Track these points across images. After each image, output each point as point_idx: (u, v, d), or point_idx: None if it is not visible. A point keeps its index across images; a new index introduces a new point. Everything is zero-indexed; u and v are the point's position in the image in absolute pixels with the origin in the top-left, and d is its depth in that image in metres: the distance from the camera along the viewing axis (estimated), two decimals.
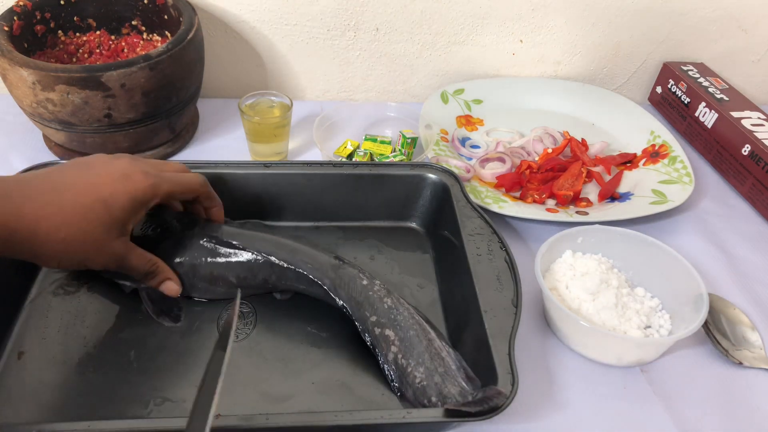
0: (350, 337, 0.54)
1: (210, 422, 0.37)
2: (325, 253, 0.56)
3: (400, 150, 0.76)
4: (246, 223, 0.65)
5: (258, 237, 0.56)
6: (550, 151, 0.79)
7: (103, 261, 0.48)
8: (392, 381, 0.50)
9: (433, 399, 0.47)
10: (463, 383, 0.48)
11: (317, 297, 0.56)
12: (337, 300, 0.53)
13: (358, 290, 0.53)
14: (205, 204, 0.57)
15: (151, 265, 0.52)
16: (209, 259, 0.55)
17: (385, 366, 0.51)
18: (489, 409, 0.43)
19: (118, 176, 0.48)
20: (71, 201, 0.45)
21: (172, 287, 0.54)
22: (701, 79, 0.87)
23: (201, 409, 0.38)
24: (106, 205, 0.46)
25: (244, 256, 0.55)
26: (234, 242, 0.55)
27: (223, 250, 0.55)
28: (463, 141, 0.81)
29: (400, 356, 0.50)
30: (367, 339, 0.52)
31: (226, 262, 0.55)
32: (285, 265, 0.54)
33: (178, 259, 0.55)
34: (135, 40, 0.79)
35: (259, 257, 0.55)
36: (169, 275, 0.54)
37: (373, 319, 0.52)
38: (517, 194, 0.73)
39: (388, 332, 0.51)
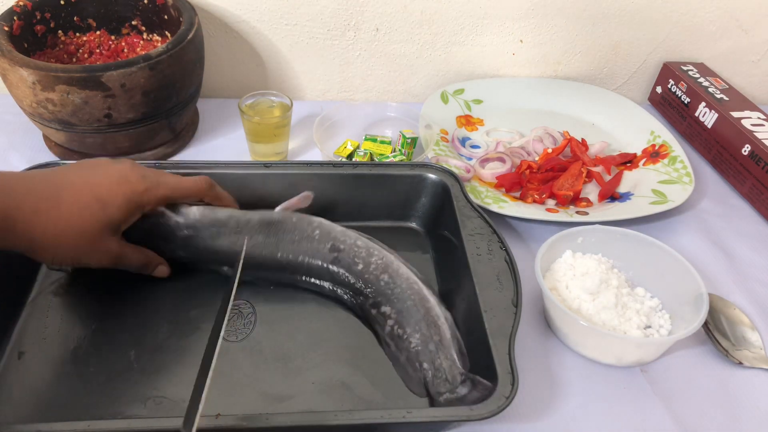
0: (350, 336, 0.54)
1: (197, 419, 0.38)
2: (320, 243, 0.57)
3: (400, 150, 0.76)
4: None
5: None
6: (550, 151, 0.79)
7: (97, 258, 0.50)
8: (388, 349, 0.53)
9: (425, 365, 0.50)
10: (455, 356, 0.50)
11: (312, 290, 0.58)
12: (337, 291, 0.56)
13: (356, 274, 0.55)
14: (215, 204, 0.58)
15: (144, 257, 0.55)
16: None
17: (384, 338, 0.53)
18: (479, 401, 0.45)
19: (116, 178, 0.50)
20: (69, 198, 0.47)
21: (164, 270, 0.57)
22: (701, 79, 0.87)
23: (192, 406, 0.39)
24: (103, 204, 0.48)
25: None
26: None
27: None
28: (463, 141, 0.81)
29: (396, 327, 0.52)
30: (368, 321, 0.54)
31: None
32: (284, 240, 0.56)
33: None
34: (135, 40, 0.79)
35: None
36: (160, 261, 0.56)
37: (370, 302, 0.54)
38: (517, 194, 0.73)
39: (385, 308, 0.53)
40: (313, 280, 0.57)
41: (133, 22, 0.79)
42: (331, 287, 0.57)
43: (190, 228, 0.56)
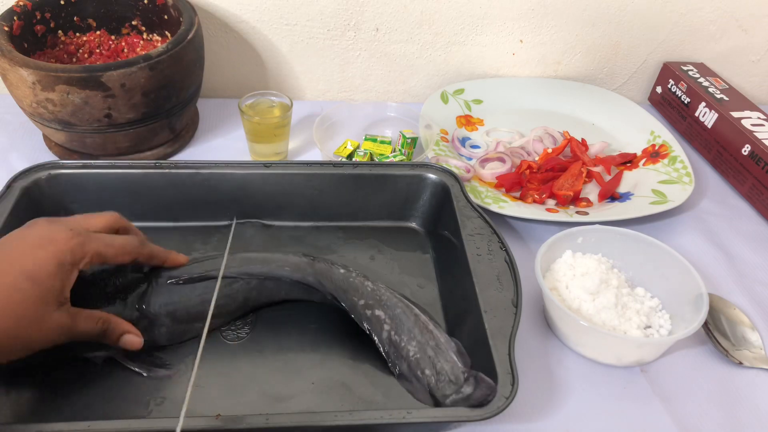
0: (350, 336, 0.54)
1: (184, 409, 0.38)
2: (292, 253, 0.55)
3: (400, 150, 0.76)
4: (246, 223, 0.65)
5: (221, 260, 0.53)
6: (550, 151, 0.79)
7: (49, 338, 0.43)
8: (388, 358, 0.51)
9: (427, 372, 0.49)
10: (455, 358, 0.50)
11: (300, 299, 0.55)
12: (325, 293, 0.53)
13: (340, 279, 0.54)
14: (153, 264, 0.51)
15: (102, 323, 0.46)
16: (182, 299, 0.51)
17: (381, 346, 0.51)
18: (481, 405, 0.44)
19: (37, 242, 0.43)
20: None
21: (132, 340, 0.48)
22: (701, 79, 0.87)
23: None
24: (32, 279, 0.41)
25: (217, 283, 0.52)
26: (201, 273, 0.52)
27: (194, 284, 0.52)
28: (463, 141, 0.81)
29: (392, 333, 0.51)
30: (365, 325, 0.52)
31: (200, 296, 0.52)
32: (263, 278, 0.53)
33: (147, 308, 0.50)
34: (135, 40, 0.79)
35: (233, 279, 0.52)
36: (126, 328, 0.48)
37: (362, 302, 0.53)
38: (517, 194, 0.73)
39: (378, 312, 0.52)
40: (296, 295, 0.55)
41: (133, 22, 0.79)
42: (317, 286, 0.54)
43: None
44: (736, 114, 0.80)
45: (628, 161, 0.79)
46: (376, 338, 0.52)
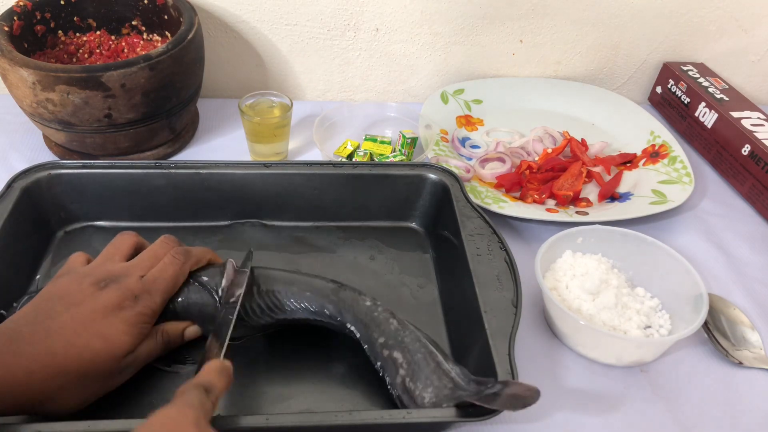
0: (350, 337, 0.54)
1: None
2: (321, 278, 0.53)
3: (400, 150, 0.76)
4: (245, 223, 0.65)
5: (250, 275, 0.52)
6: (550, 151, 0.79)
7: (120, 381, 0.47)
8: (400, 403, 0.48)
9: None
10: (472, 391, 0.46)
11: (320, 326, 0.53)
12: (345, 324, 0.50)
13: (363, 311, 0.50)
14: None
15: (162, 334, 0.49)
16: (209, 300, 0.51)
17: (392, 390, 0.48)
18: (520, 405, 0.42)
19: (111, 309, 0.45)
20: (64, 345, 0.43)
21: (194, 331, 0.51)
22: (701, 79, 0.87)
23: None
24: (104, 338, 0.44)
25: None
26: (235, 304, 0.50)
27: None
28: (463, 141, 0.81)
29: (407, 380, 0.47)
30: (377, 364, 0.49)
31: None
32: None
33: (177, 303, 0.51)
34: (135, 40, 0.79)
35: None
36: (181, 325, 0.51)
37: (381, 340, 0.49)
38: (517, 194, 0.73)
39: (396, 354, 0.48)
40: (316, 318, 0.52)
41: (133, 22, 0.79)
42: (338, 319, 0.51)
43: None
44: (736, 114, 0.80)
45: (628, 161, 0.79)
46: (388, 380, 0.48)
